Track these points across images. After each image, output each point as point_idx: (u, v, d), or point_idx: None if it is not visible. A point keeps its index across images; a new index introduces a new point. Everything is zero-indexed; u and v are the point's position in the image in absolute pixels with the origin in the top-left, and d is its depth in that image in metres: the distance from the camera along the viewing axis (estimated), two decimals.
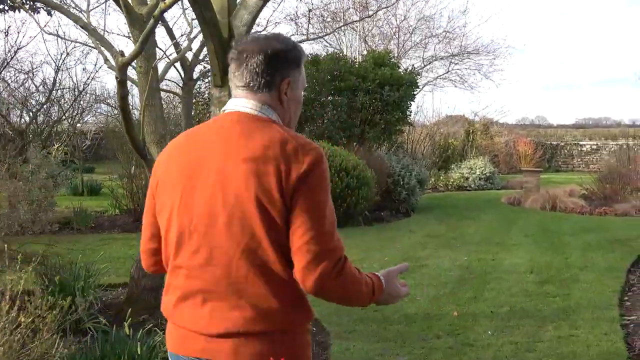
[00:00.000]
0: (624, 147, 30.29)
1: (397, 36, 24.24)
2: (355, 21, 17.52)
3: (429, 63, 25.25)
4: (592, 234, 10.85)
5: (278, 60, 1.94)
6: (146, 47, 5.54)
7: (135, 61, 5.67)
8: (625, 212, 13.41)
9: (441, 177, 20.72)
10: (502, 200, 16.39)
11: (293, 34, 12.94)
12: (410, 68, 16.01)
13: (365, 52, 17.39)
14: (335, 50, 16.68)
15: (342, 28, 22.11)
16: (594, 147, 32.14)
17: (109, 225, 11.19)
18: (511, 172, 26.46)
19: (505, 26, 53.77)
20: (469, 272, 8.08)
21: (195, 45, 10.30)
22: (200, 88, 13.84)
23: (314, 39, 13.60)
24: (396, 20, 23.97)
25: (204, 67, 12.58)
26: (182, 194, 1.90)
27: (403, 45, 24.42)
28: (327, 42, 23.64)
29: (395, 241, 10.24)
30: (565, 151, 32.53)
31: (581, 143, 32.78)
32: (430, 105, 53.56)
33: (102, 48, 7.29)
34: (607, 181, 15.95)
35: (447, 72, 26.17)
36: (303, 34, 12.72)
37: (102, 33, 8.14)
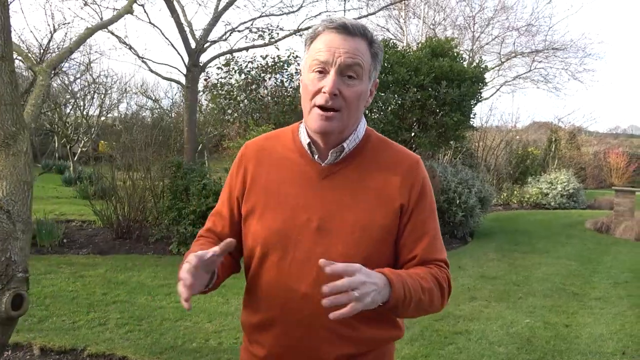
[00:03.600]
0: None
1: (472, 29, 21.35)
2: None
3: (508, 60, 22.18)
4: None
5: None
6: None
7: None
8: None
9: (515, 192, 17.87)
10: (586, 224, 13.49)
11: (323, 12, 10.68)
12: (477, 61, 13.24)
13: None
14: (392, 39, 14.05)
15: (407, 17, 19.58)
16: None
17: (84, 242, 9.09)
18: (600, 187, 23.27)
19: (598, 19, 47.89)
20: (529, 349, 5.46)
21: (201, 21, 8.08)
22: (211, 76, 11.57)
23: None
24: (472, 10, 21.11)
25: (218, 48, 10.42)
26: None
27: (478, 38, 21.51)
28: (390, 33, 21.15)
29: None
30: None
31: None
32: (510, 108, 49.71)
33: None
34: None
35: (529, 71, 22.99)
36: (330, 12, 10.39)
37: None
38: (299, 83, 12.31)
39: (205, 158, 17.52)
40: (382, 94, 11.18)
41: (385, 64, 11.57)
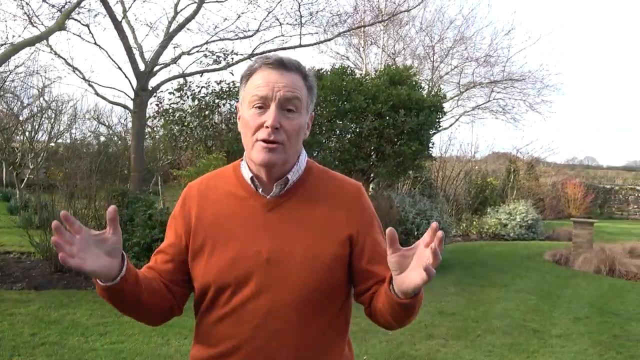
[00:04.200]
0: None
1: (432, 59, 21.32)
2: (362, 26, 14.70)
3: (467, 90, 22.19)
4: None
5: None
6: None
7: None
8: None
9: (474, 223, 17.70)
10: (545, 256, 13.33)
11: (278, 36, 10.40)
12: (435, 90, 13.09)
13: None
14: (350, 66, 13.80)
15: (367, 45, 19.48)
16: None
17: (20, 275, 8.47)
18: (558, 218, 23.31)
19: (555, 51, 48.58)
20: None
21: (150, 43, 7.72)
22: (163, 101, 11.11)
23: (308, 45, 10.92)
24: (431, 40, 21.09)
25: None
26: None
27: (437, 68, 21.48)
28: (350, 61, 21.03)
29: None
30: (620, 196, 29.30)
31: (639, 188, 29.37)
32: (469, 138, 50.01)
33: None
34: None
35: (488, 101, 22.99)
36: (285, 36, 10.12)
37: None
38: None
39: (158, 186, 16.97)
40: (340, 122, 10.91)
41: (343, 92, 11.31)
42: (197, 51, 10.25)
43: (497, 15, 37.06)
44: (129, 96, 9.75)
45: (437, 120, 11.75)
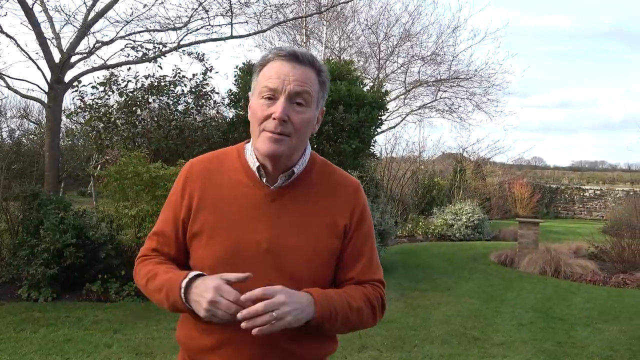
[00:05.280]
0: (631, 193, 27.20)
1: (378, 57, 20.86)
2: (299, 17, 14.22)
3: (413, 88, 21.78)
4: (616, 324, 7.53)
5: None
6: None
7: None
8: None
9: (420, 223, 17.32)
10: (490, 257, 12.99)
11: (205, 26, 9.76)
12: (377, 86, 12.62)
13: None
14: None
15: (309, 41, 18.95)
16: (598, 192, 29.02)
17: None
18: (505, 217, 23.20)
19: (500, 50, 48.43)
20: None
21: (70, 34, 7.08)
22: (85, 96, 10.30)
23: (240, 37, 10.28)
24: (377, 38, 20.64)
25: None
26: None
27: (384, 67, 21.04)
28: None
29: None
30: (566, 196, 29.52)
31: (584, 187, 29.69)
32: (416, 138, 49.94)
33: None
34: (616, 234, 12.70)
35: (434, 100, 22.61)
36: (214, 26, 9.50)
37: None
38: (185, 106, 11.32)
39: (91, 190, 16.12)
40: None
41: None
42: (118, 39, 9.49)
43: (444, 12, 36.99)
44: (42, 90, 9.00)
45: (378, 117, 11.26)
